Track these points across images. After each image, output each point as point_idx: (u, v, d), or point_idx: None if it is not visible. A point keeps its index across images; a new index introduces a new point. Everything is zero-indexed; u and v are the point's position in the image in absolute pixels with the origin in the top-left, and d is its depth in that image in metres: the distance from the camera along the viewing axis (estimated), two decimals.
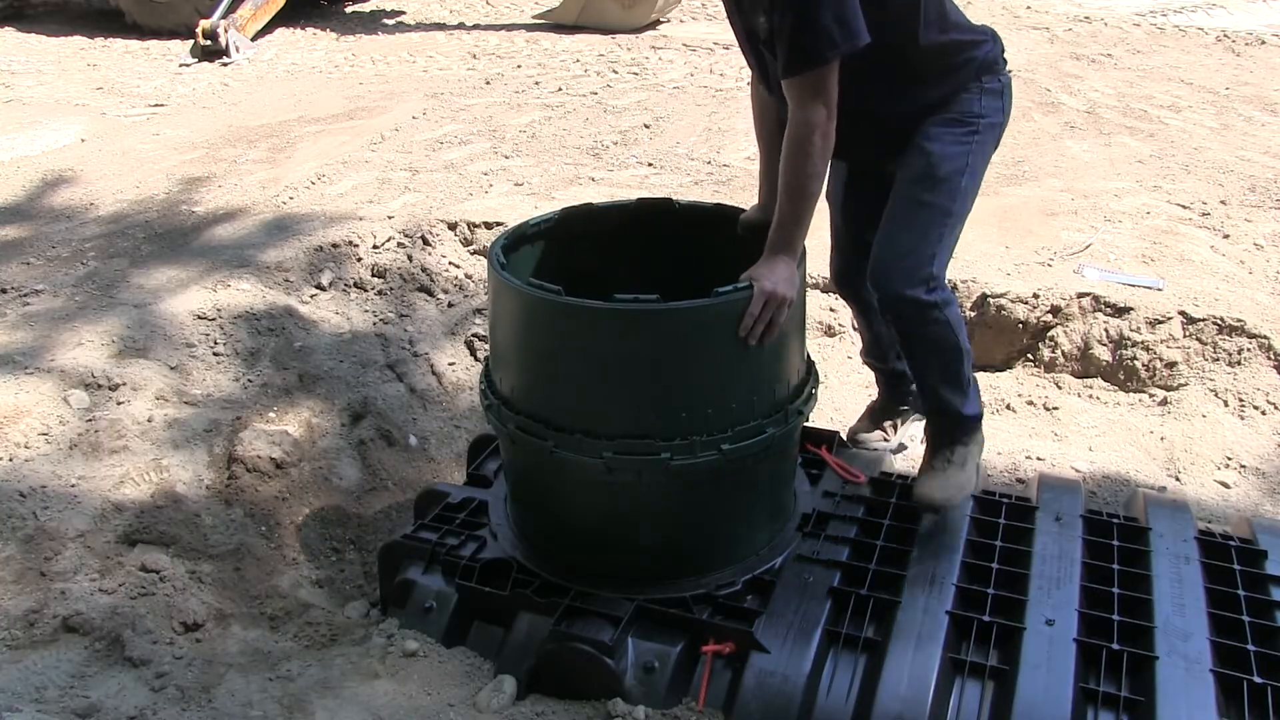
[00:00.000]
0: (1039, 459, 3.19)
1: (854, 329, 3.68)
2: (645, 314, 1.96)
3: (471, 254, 4.28)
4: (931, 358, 2.42)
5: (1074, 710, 1.92)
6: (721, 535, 2.27)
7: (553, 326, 2.05)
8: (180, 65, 7.81)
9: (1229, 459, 3.16)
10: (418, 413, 3.46)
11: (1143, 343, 3.57)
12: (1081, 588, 2.21)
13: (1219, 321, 3.54)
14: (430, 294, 4.04)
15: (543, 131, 5.74)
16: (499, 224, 4.25)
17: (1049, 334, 3.71)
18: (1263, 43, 7.74)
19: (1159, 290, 3.72)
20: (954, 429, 2.48)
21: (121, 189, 4.95)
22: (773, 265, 2.06)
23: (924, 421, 2.62)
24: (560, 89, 6.72)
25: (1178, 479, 3.10)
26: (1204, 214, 4.43)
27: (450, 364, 3.73)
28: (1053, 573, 2.25)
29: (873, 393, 3.17)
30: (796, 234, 2.10)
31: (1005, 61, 2.37)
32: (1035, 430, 3.40)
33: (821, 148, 2.04)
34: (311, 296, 3.90)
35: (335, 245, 4.10)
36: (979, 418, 2.53)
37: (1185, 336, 3.56)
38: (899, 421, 3.11)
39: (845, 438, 2.97)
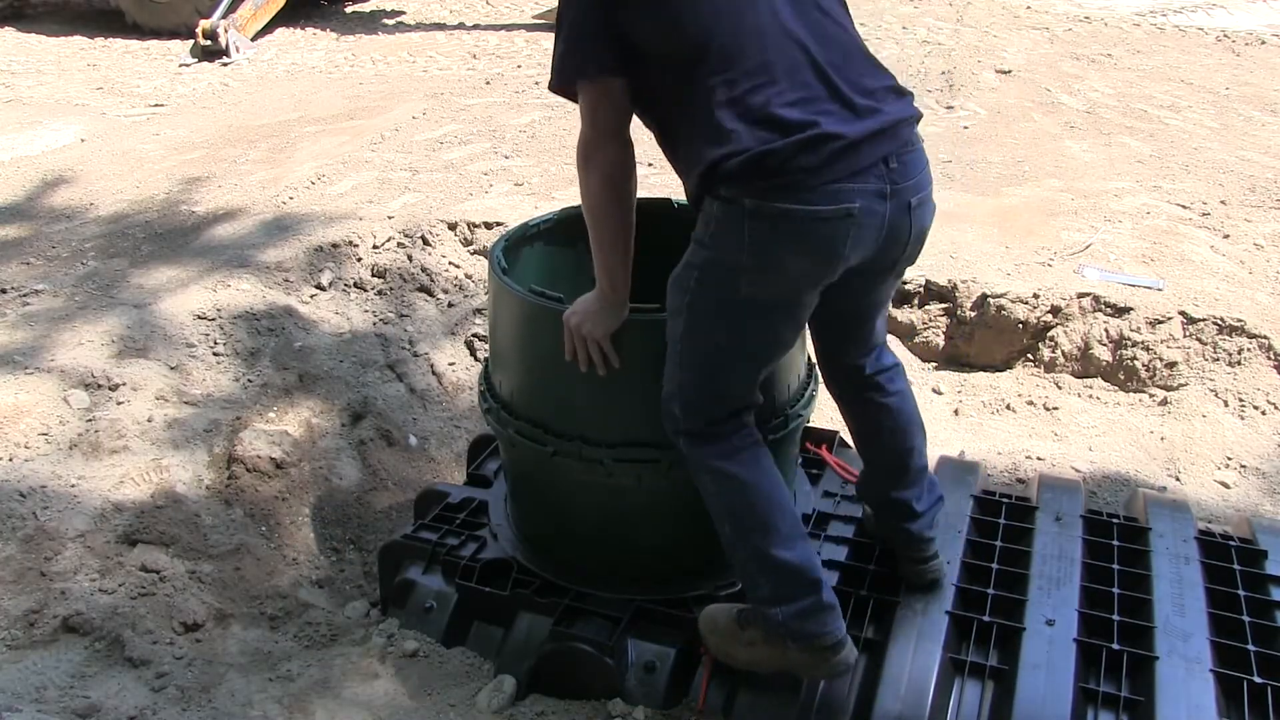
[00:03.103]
0: (1039, 459, 3.19)
1: None
2: (644, 323, 1.96)
3: (471, 254, 4.28)
4: (713, 511, 1.93)
5: (1074, 710, 1.92)
6: None
7: (554, 334, 2.05)
8: (180, 65, 7.80)
9: (1229, 459, 3.16)
10: (418, 413, 3.46)
11: (1143, 343, 3.57)
12: (1081, 588, 2.21)
13: (1219, 321, 3.54)
14: (430, 294, 4.04)
15: (543, 131, 5.74)
16: (499, 224, 4.25)
17: (1049, 334, 3.71)
18: (1263, 43, 7.74)
19: (1159, 290, 3.72)
20: (756, 612, 1.94)
21: (121, 189, 4.95)
22: (590, 297, 1.91)
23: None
24: None
25: (1178, 479, 3.10)
26: (1204, 214, 4.43)
27: (450, 364, 3.73)
28: (1053, 573, 2.26)
29: None
30: (600, 267, 1.85)
31: (815, 172, 1.56)
32: (1035, 430, 3.40)
33: (588, 180, 1.78)
34: (311, 296, 3.90)
35: (335, 245, 4.10)
36: (784, 625, 1.85)
37: (1185, 336, 3.56)
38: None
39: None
